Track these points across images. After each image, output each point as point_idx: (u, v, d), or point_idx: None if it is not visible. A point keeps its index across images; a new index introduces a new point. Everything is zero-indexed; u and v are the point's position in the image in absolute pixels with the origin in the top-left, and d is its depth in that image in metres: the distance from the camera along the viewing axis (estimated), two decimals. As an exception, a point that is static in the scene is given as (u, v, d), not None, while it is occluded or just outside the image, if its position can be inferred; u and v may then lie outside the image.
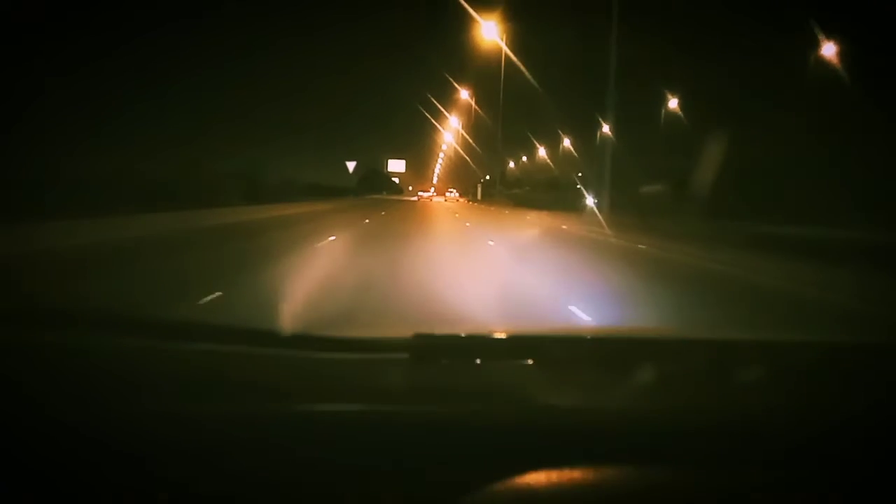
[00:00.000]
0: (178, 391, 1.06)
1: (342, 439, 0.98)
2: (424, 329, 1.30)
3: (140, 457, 0.93)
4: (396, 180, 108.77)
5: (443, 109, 63.67)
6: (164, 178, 19.69)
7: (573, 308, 6.00)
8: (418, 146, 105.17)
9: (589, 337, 1.67)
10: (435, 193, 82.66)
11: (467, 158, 71.67)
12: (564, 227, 22.23)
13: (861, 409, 1.13)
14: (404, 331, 1.30)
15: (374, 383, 1.17)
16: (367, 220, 21.30)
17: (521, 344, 1.45)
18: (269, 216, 21.10)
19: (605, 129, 24.13)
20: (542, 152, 58.31)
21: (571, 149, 47.85)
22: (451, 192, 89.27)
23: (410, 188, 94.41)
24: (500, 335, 1.49)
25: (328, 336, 1.34)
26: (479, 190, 71.29)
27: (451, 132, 77.99)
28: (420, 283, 7.43)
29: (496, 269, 9.82)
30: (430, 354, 1.29)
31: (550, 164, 54.96)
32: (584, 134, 40.23)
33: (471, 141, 63.92)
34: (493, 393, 1.17)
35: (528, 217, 29.16)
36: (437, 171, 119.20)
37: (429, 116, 66.17)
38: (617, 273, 9.68)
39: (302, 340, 1.32)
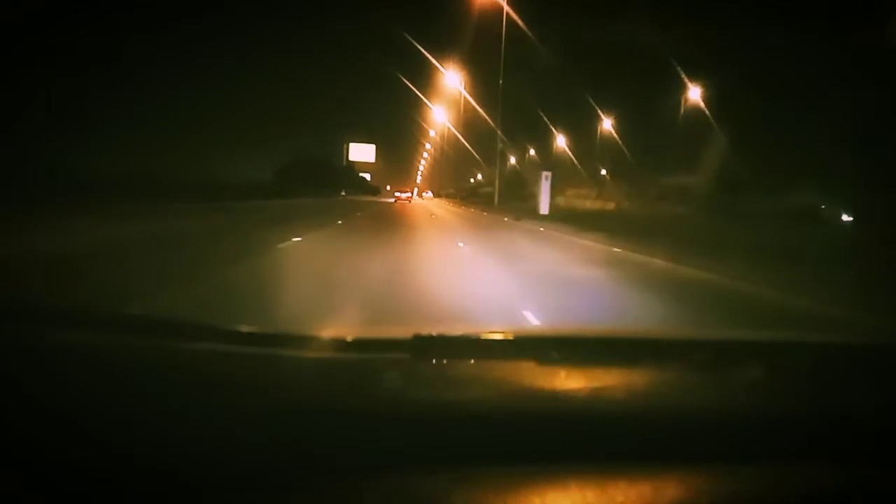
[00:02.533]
0: (178, 391, 1.05)
1: (342, 439, 0.98)
2: (425, 329, 1.31)
3: (140, 457, 0.92)
4: (368, 176, 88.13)
5: (446, 68, 45.73)
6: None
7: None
8: (402, 144, 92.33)
9: (589, 337, 1.67)
10: (412, 195, 66.37)
11: (472, 150, 56.01)
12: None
13: (861, 409, 1.14)
14: (404, 331, 1.31)
15: (374, 383, 1.17)
16: None
17: (520, 344, 1.47)
18: None
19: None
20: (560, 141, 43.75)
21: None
22: (428, 193, 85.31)
23: (388, 188, 79.67)
24: (500, 335, 1.49)
25: (328, 336, 1.35)
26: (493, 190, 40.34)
27: (444, 117, 62.92)
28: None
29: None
30: (431, 354, 1.30)
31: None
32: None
33: (493, 117, 41.40)
34: (493, 393, 1.18)
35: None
36: (420, 170, 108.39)
37: (421, 95, 52.71)
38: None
39: (302, 340, 1.32)
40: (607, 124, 39.31)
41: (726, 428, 1.05)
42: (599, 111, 37.85)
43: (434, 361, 1.28)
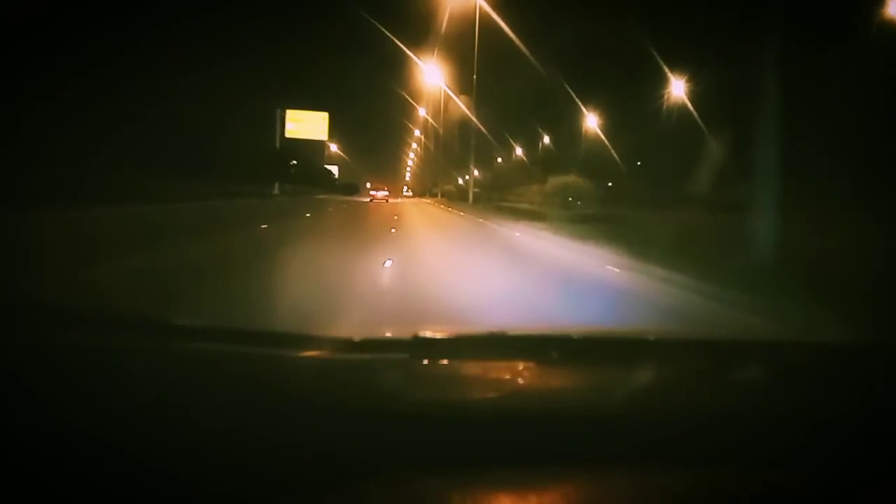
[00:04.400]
0: (178, 391, 1.05)
1: (342, 439, 0.97)
2: (425, 329, 1.33)
3: (140, 457, 0.91)
4: (335, 169, 67.49)
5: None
6: None
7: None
8: (388, 133, 76.95)
9: (589, 337, 1.66)
10: (388, 193, 53.12)
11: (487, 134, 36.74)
12: None
13: (860, 409, 1.14)
14: (404, 331, 1.32)
15: (374, 383, 1.18)
16: None
17: (520, 344, 1.46)
18: None
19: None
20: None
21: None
22: (408, 192, 79.47)
23: (368, 185, 61.67)
24: (500, 335, 1.48)
25: (328, 336, 1.36)
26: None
27: (440, 79, 43.16)
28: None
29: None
30: (430, 354, 1.30)
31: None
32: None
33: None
34: (493, 393, 1.19)
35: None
36: (409, 165, 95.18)
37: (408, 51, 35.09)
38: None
39: (302, 340, 1.33)
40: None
41: (725, 428, 1.05)
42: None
43: (434, 362, 1.29)
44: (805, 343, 1.67)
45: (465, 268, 8.85)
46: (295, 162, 49.80)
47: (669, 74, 25.00)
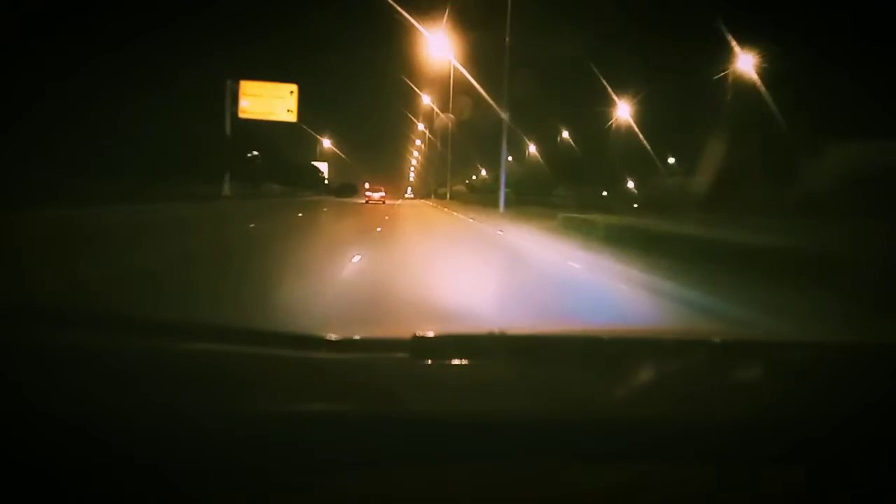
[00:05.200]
0: (178, 391, 1.06)
1: (342, 439, 0.98)
2: (424, 329, 1.34)
3: (140, 457, 0.92)
4: (324, 167, 62.50)
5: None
6: None
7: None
8: (391, 130, 70.75)
9: (589, 337, 1.66)
10: (385, 194, 48.98)
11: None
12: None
13: (860, 409, 1.14)
14: (404, 331, 1.32)
15: (374, 383, 1.17)
16: None
17: (520, 344, 1.46)
18: None
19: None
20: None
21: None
22: (410, 194, 79.35)
23: (367, 185, 54.42)
24: (500, 335, 1.49)
25: (328, 336, 1.35)
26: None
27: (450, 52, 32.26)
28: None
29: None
30: (430, 354, 1.31)
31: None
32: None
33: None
34: (493, 393, 1.19)
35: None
36: (413, 164, 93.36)
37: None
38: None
39: (302, 340, 1.33)
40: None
41: (725, 428, 1.05)
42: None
43: (434, 361, 1.29)
44: (805, 343, 1.66)
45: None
46: (256, 153, 38.31)
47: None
